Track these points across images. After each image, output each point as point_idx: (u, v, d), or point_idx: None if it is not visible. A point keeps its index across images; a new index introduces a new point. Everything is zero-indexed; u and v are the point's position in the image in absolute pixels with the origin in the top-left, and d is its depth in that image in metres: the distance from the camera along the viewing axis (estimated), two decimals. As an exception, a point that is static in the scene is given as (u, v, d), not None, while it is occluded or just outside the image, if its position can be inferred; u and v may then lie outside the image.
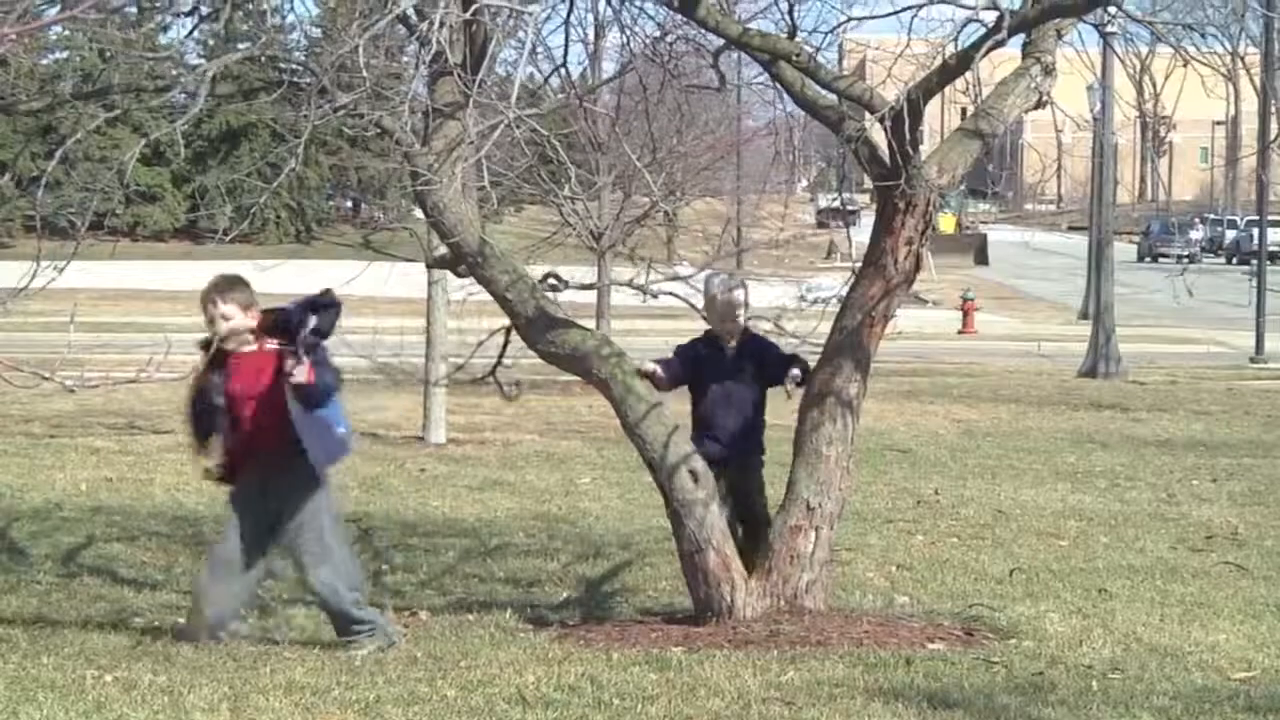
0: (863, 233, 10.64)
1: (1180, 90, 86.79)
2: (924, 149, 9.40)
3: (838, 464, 9.33)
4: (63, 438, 18.55)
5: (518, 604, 10.01)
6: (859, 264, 9.77)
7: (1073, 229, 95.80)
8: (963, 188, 68.50)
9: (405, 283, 21.50)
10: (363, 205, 79.76)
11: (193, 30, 12.29)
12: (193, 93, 9.27)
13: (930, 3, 8.99)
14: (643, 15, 10.73)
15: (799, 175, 75.35)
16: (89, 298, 35.84)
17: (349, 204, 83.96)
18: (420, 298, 19.36)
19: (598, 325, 23.54)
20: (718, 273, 10.54)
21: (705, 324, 9.80)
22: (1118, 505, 14.73)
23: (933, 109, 9.71)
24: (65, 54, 62.36)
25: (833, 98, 9.45)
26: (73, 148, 9.16)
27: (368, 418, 21.01)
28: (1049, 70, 9.57)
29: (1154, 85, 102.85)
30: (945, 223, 75.38)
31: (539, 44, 15.35)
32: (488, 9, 8.60)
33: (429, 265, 12.69)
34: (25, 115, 13.75)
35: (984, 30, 8.60)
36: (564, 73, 11.50)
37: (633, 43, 10.83)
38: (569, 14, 10.87)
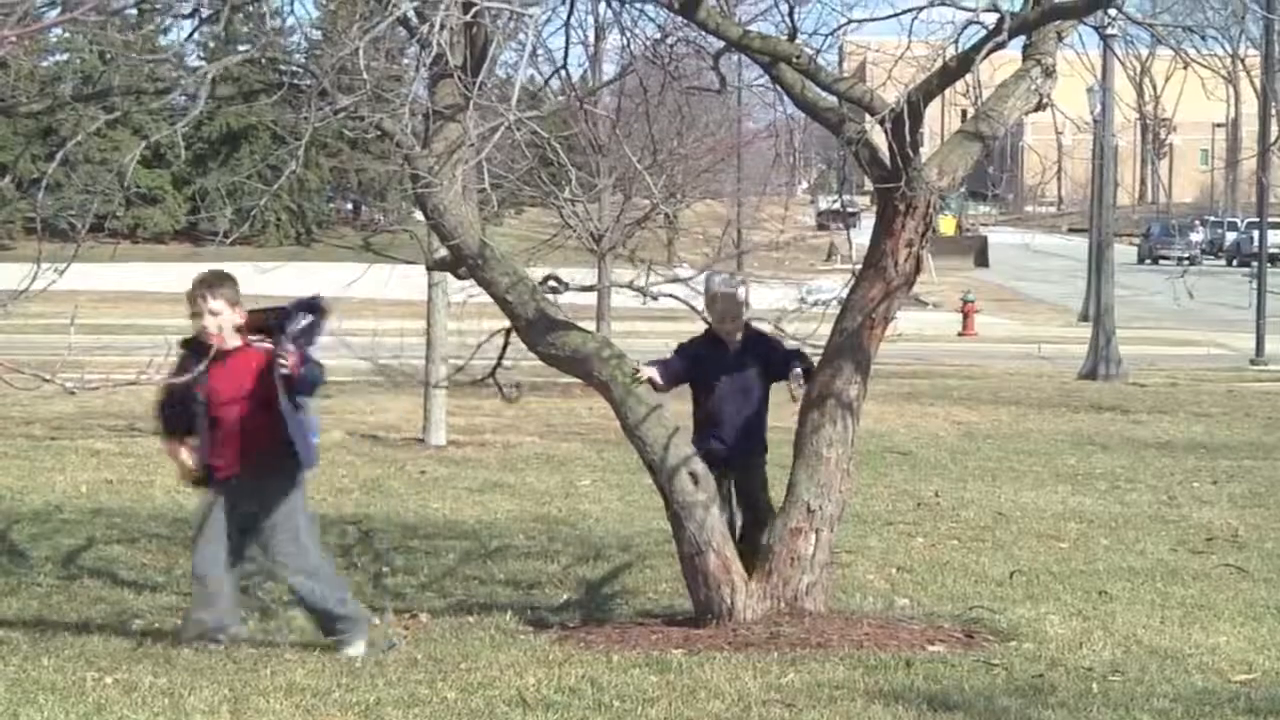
0: (863, 235, 10.64)
1: (1180, 92, 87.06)
2: (924, 151, 9.39)
3: (838, 466, 9.33)
4: (63, 440, 18.55)
5: (518, 606, 10.01)
6: (859, 266, 9.76)
7: (1073, 231, 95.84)
8: (963, 190, 68.51)
9: (405, 285, 21.52)
10: (363, 207, 79.76)
11: (193, 32, 12.29)
12: (193, 95, 9.26)
13: (931, 5, 8.99)
14: (643, 17, 10.72)
15: (799, 177, 75.32)
16: (89, 300, 35.86)
17: (349, 206, 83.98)
18: (420, 300, 19.36)
19: (598, 327, 23.53)
20: (718, 272, 10.53)
21: (705, 324, 9.79)
22: (1118, 507, 14.72)
23: (933, 111, 9.72)
24: (66, 56, 62.45)
25: (833, 100, 9.45)
26: (73, 150, 9.15)
27: (368, 419, 21.07)
28: (1049, 72, 9.56)
29: (1154, 87, 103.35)
30: (945, 225, 75.38)
31: (539, 46, 15.35)
32: (488, 11, 8.60)
33: (429, 267, 12.69)
34: (26, 117, 13.75)
35: (984, 32, 8.60)
36: (564, 75, 11.51)
37: (633, 45, 10.82)
38: (569, 16, 10.87)
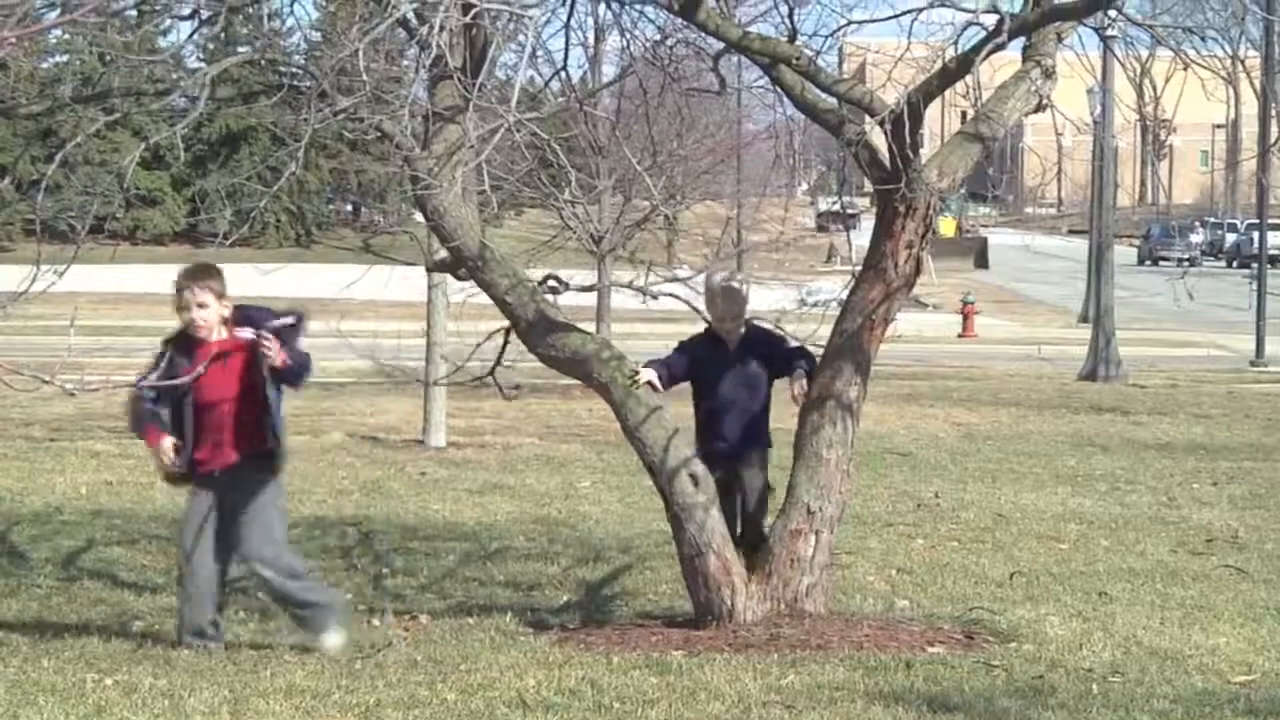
0: (863, 236, 10.64)
1: (1180, 93, 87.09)
2: (924, 152, 9.39)
3: (838, 467, 9.33)
4: (63, 441, 18.56)
5: (518, 608, 10.01)
6: (859, 267, 9.76)
7: (1073, 232, 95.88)
8: (963, 191, 68.52)
9: (405, 286, 21.52)
10: (363, 209, 79.87)
11: (192, 34, 12.28)
12: (193, 96, 9.26)
13: (931, 6, 8.99)
14: (643, 19, 10.71)
15: (799, 179, 75.39)
16: (89, 301, 35.85)
17: (349, 208, 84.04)
18: (420, 301, 19.36)
19: (598, 329, 23.54)
20: (718, 270, 10.51)
21: (706, 323, 9.76)
22: (1118, 509, 14.72)
23: (933, 112, 9.72)
24: (65, 57, 62.48)
25: (833, 101, 9.45)
26: (73, 151, 9.15)
27: (368, 420, 21.07)
28: (1049, 73, 9.56)
29: (1154, 88, 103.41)
30: (945, 226, 75.37)
31: (539, 48, 15.37)
32: (488, 13, 8.60)
33: (429, 269, 12.70)
34: (25, 119, 13.72)
35: (984, 33, 8.59)
36: (564, 76, 11.51)
37: (633, 46, 10.81)
38: (569, 18, 10.86)
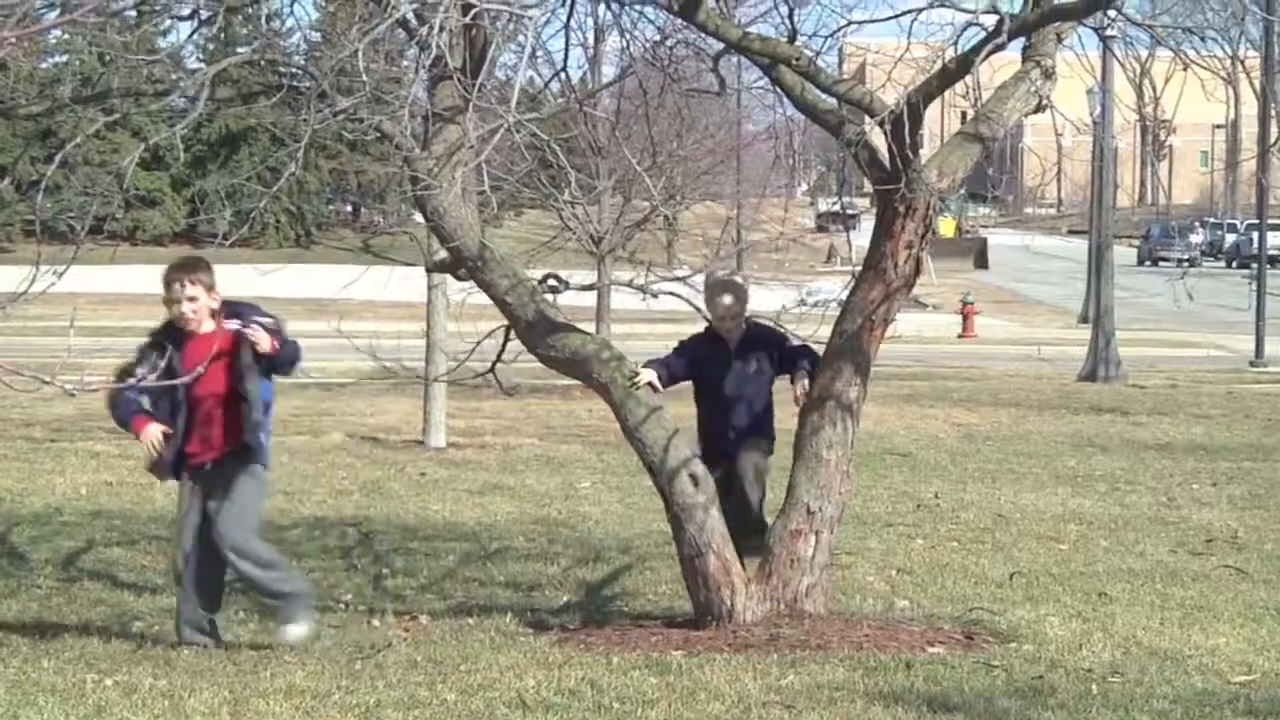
0: (863, 236, 10.64)
1: (1180, 94, 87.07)
2: (924, 153, 9.39)
3: (838, 468, 9.33)
4: (63, 442, 18.55)
5: (518, 608, 10.01)
6: (859, 268, 9.76)
7: (1073, 233, 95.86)
8: (963, 191, 68.53)
9: (405, 287, 21.52)
10: (363, 210, 79.85)
11: (192, 34, 12.30)
12: (192, 97, 9.27)
13: (930, 6, 8.99)
14: (642, 19, 10.71)
15: (799, 179, 75.42)
16: (89, 302, 35.83)
17: (349, 208, 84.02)
18: (420, 301, 19.37)
19: (598, 329, 23.54)
20: (719, 269, 10.49)
21: (706, 322, 9.74)
22: (1118, 509, 14.72)
23: (932, 113, 9.72)
24: (65, 58, 62.48)
25: (833, 102, 9.45)
26: (72, 152, 9.15)
27: (368, 421, 21.07)
28: (1049, 74, 9.56)
29: (1154, 89, 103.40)
30: (945, 226, 75.38)
31: (539, 48, 15.37)
32: (487, 13, 8.60)
33: (429, 269, 12.70)
34: (25, 119, 13.72)
35: (984, 34, 8.60)
36: (564, 77, 11.50)
37: (632, 47, 10.81)
38: (569, 18, 10.85)
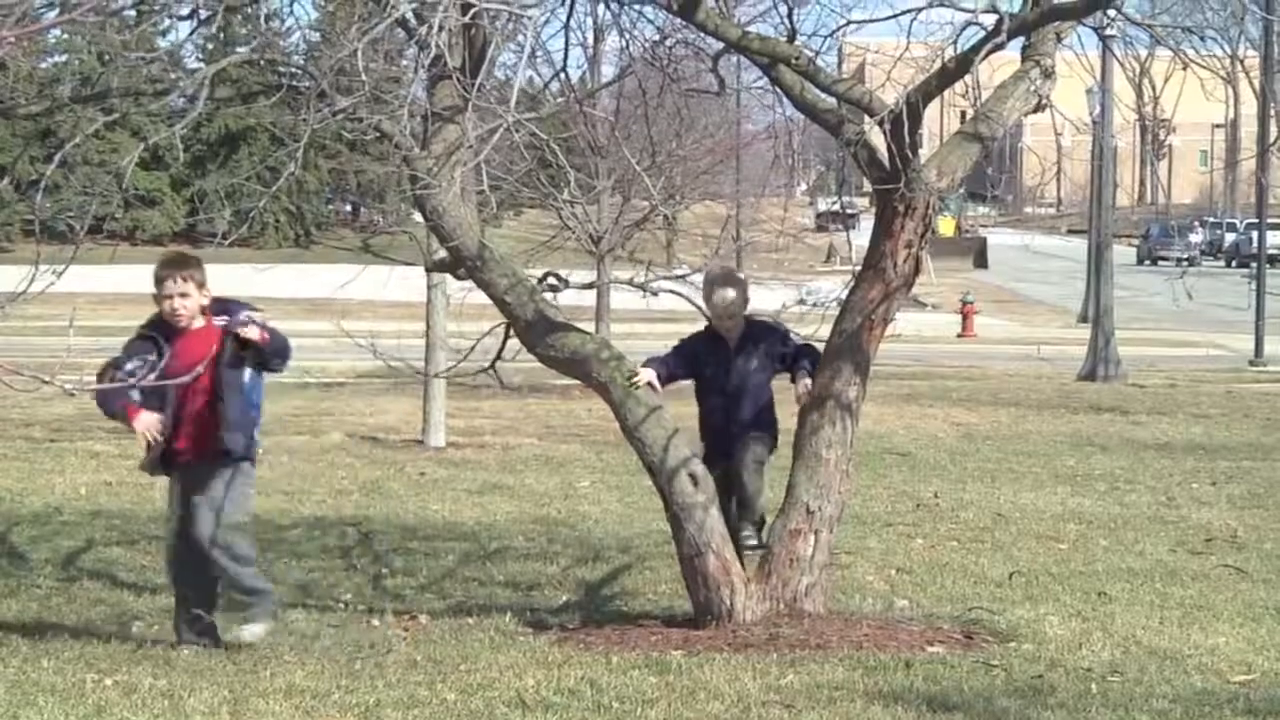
0: (862, 236, 10.64)
1: (1179, 93, 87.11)
2: (923, 152, 9.39)
3: (837, 467, 9.33)
4: (62, 442, 18.55)
5: (517, 607, 10.01)
6: (858, 267, 9.76)
7: (1072, 232, 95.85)
8: (962, 191, 68.51)
9: (405, 286, 21.52)
10: (362, 209, 79.87)
11: (192, 34, 12.29)
12: (191, 96, 9.26)
13: (930, 6, 8.99)
14: (642, 19, 10.71)
15: (798, 179, 75.41)
16: (88, 302, 35.77)
17: (348, 208, 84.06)
18: (419, 301, 19.37)
19: (597, 329, 23.54)
20: (719, 267, 10.46)
21: (707, 320, 9.72)
22: (1117, 508, 14.72)
23: (932, 112, 9.72)
24: (64, 57, 62.50)
25: (832, 101, 9.45)
26: (71, 152, 9.15)
27: (367, 420, 21.07)
28: (1048, 73, 9.56)
29: (1153, 88, 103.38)
30: (945, 226, 75.36)
31: (538, 48, 15.37)
32: (487, 12, 8.60)
33: (428, 269, 12.70)
34: (24, 119, 13.72)
35: (983, 33, 8.59)
36: (564, 77, 11.50)
37: (632, 47, 10.82)
38: (569, 18, 10.86)
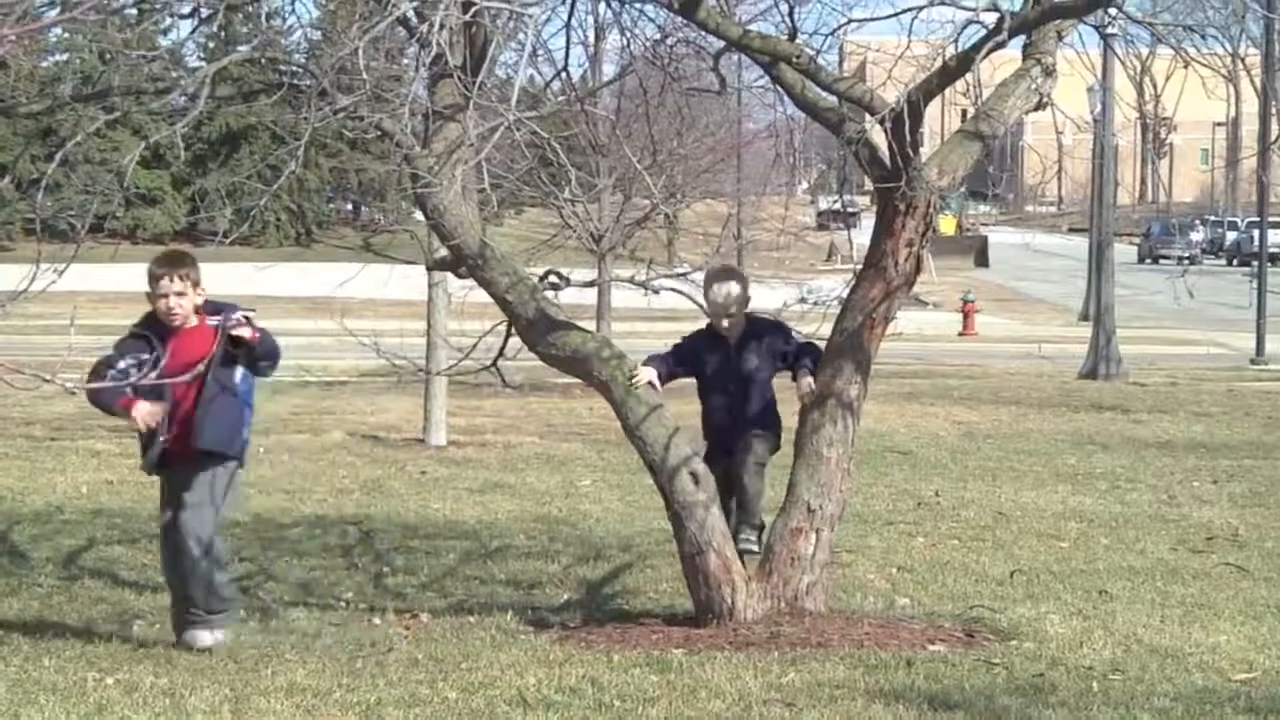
0: (863, 234, 10.64)
1: (1181, 92, 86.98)
2: (924, 151, 9.39)
3: (838, 466, 9.33)
4: (64, 441, 18.55)
5: (518, 606, 10.01)
6: (859, 266, 9.75)
7: (1073, 231, 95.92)
8: (963, 189, 68.57)
9: (406, 285, 21.54)
10: (363, 208, 79.87)
11: (193, 32, 12.30)
12: (192, 95, 9.26)
13: (931, 4, 8.99)
14: (643, 18, 10.72)
15: (799, 177, 75.43)
16: (89, 300, 35.78)
17: (349, 206, 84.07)
18: (421, 300, 19.36)
19: (598, 327, 23.54)
20: (720, 264, 10.43)
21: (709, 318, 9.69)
22: (1118, 507, 14.72)
23: (933, 111, 9.72)
24: (65, 56, 62.51)
25: (833, 100, 9.45)
26: (73, 150, 9.14)
27: (368, 419, 21.07)
28: (1049, 72, 9.56)
29: (1154, 87, 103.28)
30: (946, 225, 75.48)
31: (539, 46, 15.37)
32: (488, 11, 8.60)
33: (429, 267, 12.69)
34: (25, 118, 13.73)
35: (984, 32, 8.59)
36: (565, 75, 11.50)
37: (633, 45, 10.82)
38: (570, 16, 10.88)
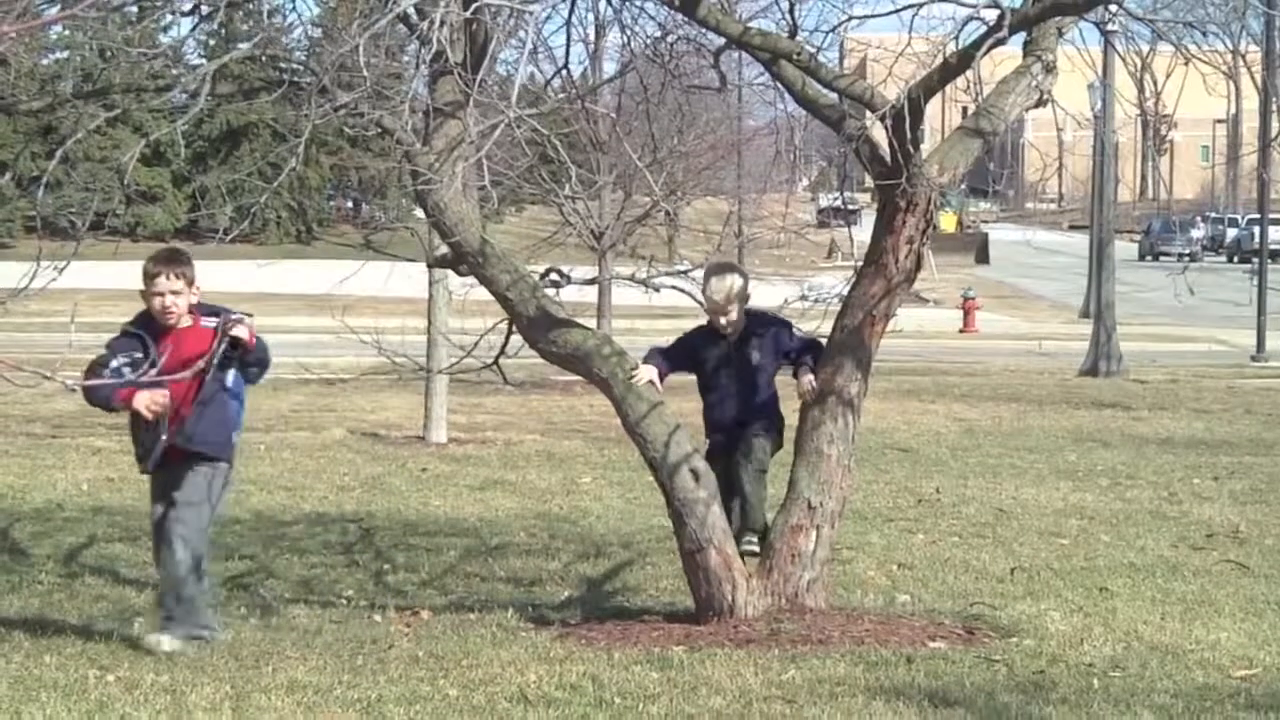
0: (863, 232, 10.64)
1: (1181, 88, 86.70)
2: (925, 148, 9.39)
3: (839, 463, 9.33)
4: (64, 438, 18.56)
5: (519, 603, 10.01)
6: (860, 263, 9.75)
7: (1074, 227, 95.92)
8: (964, 186, 68.51)
9: (407, 283, 21.50)
10: (363, 205, 79.87)
11: (193, 29, 12.30)
12: (193, 92, 9.27)
13: (931, 1, 8.99)
14: (643, 15, 10.73)
15: (800, 174, 75.29)
16: (89, 298, 35.77)
17: (350, 204, 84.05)
18: (421, 297, 19.37)
19: (599, 324, 23.54)
20: (720, 262, 10.42)
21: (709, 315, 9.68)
22: (1119, 504, 14.72)
23: (934, 107, 9.70)
24: (66, 54, 62.43)
25: (834, 97, 9.44)
26: (73, 148, 9.15)
27: (369, 417, 21.08)
28: (1050, 68, 9.56)
29: (1155, 83, 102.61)
30: (946, 221, 75.41)
31: (540, 44, 15.37)
32: (488, 8, 8.59)
33: (430, 265, 12.68)
34: (26, 115, 13.75)
35: (985, 28, 8.59)
36: (565, 73, 11.51)
37: (633, 43, 10.82)
38: (570, 14, 10.87)
